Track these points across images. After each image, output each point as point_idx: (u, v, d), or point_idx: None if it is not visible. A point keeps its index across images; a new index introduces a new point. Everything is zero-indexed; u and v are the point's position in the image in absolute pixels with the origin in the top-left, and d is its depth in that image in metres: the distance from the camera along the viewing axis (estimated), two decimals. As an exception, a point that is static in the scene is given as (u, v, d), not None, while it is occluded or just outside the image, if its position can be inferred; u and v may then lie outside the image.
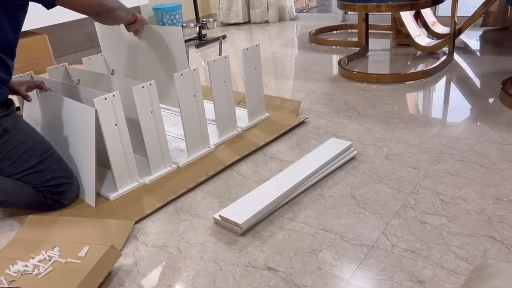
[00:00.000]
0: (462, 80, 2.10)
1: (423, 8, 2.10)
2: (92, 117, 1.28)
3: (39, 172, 1.31)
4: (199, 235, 1.19)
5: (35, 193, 1.31)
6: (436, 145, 1.52)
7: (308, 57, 2.77)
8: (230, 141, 1.68)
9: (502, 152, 1.43)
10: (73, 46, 3.17)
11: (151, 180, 1.45)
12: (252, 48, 1.70)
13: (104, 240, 1.17)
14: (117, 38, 1.82)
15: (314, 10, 4.75)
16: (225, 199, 1.34)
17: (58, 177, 1.33)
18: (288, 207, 1.27)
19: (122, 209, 1.32)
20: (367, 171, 1.41)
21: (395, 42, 2.78)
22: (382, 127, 1.70)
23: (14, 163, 1.29)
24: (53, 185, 1.32)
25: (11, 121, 1.29)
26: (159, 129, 1.45)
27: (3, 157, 1.28)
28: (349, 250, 1.07)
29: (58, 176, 1.33)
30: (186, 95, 1.50)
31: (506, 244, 1.03)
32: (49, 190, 1.32)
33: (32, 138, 1.32)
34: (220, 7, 4.00)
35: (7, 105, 1.30)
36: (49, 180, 1.32)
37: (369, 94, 2.04)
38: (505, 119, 1.65)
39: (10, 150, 1.27)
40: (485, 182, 1.28)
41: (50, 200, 1.33)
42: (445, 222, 1.13)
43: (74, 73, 1.72)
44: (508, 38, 2.68)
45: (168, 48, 1.64)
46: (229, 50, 3.12)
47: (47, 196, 1.33)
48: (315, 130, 1.73)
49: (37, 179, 1.31)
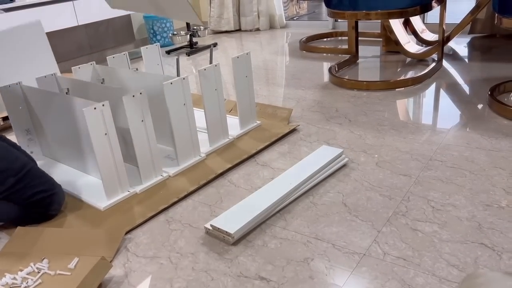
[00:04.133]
0: (451, 86, 2.12)
1: (412, 16, 2.13)
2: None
3: (20, 191, 1.28)
4: (190, 245, 1.18)
5: (21, 210, 1.30)
6: (427, 152, 1.53)
7: (299, 64, 2.78)
8: (221, 150, 1.68)
9: (491, 158, 1.44)
10: (63, 55, 3.16)
11: (142, 190, 1.44)
12: (242, 56, 1.71)
13: (94, 251, 1.15)
14: None
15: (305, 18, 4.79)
16: (216, 208, 1.33)
17: (39, 191, 1.30)
18: (280, 215, 1.27)
19: (112, 219, 1.31)
20: (359, 178, 1.41)
21: (385, 49, 2.81)
22: (373, 134, 1.70)
23: None
24: (37, 200, 1.30)
25: None
26: (149, 138, 1.44)
27: None
28: (341, 258, 1.07)
29: (40, 190, 1.30)
30: (176, 104, 1.49)
31: (497, 251, 1.04)
32: (34, 205, 1.30)
33: (5, 158, 1.28)
34: (211, 15, 4.01)
35: None
36: (31, 196, 1.29)
37: (359, 101, 2.05)
38: (494, 125, 1.67)
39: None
40: (475, 188, 1.29)
41: (36, 214, 1.32)
42: (436, 229, 1.13)
43: (64, 82, 1.71)
44: (496, 45, 2.72)
45: None
46: (221, 58, 3.13)
47: (33, 211, 1.31)
48: (306, 138, 1.73)
49: (18, 197, 1.28)
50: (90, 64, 1.86)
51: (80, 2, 2.86)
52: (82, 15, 2.89)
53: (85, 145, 1.48)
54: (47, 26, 2.72)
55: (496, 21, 1.73)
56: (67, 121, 1.49)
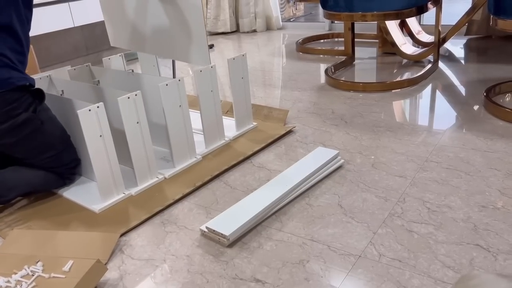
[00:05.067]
0: (447, 88, 2.13)
1: (408, 17, 2.13)
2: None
3: (62, 157, 1.44)
4: (186, 247, 1.17)
5: (54, 176, 1.45)
6: (422, 153, 1.53)
7: (295, 66, 2.78)
8: (217, 151, 1.67)
9: (487, 159, 1.44)
10: (59, 56, 3.15)
11: (137, 192, 1.43)
12: (238, 58, 1.70)
13: (89, 254, 1.15)
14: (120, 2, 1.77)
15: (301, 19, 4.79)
16: (212, 210, 1.33)
17: (74, 159, 1.49)
18: (275, 217, 1.26)
19: (107, 222, 1.30)
20: (354, 180, 1.41)
21: (381, 51, 2.81)
22: (369, 135, 1.70)
23: (42, 151, 1.40)
24: (72, 166, 1.48)
25: (45, 112, 1.41)
26: (145, 140, 1.44)
27: (35, 146, 1.38)
28: (336, 260, 1.07)
29: (74, 158, 1.49)
30: (171, 106, 1.49)
31: (492, 252, 1.04)
32: (68, 171, 1.48)
33: (59, 128, 1.45)
34: (208, 17, 4.01)
35: (40, 97, 1.40)
36: (69, 162, 1.47)
37: (356, 103, 2.05)
38: (489, 126, 1.67)
39: (42, 139, 1.38)
40: (470, 189, 1.29)
41: (68, 179, 1.49)
42: (432, 231, 1.13)
43: (59, 84, 1.71)
44: (492, 46, 2.73)
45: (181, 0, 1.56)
46: (217, 59, 3.12)
47: (65, 176, 1.48)
48: (302, 139, 1.73)
49: (58, 162, 1.44)
50: (86, 65, 1.85)
51: (76, 3, 2.86)
52: (78, 16, 2.89)
53: (80, 147, 1.48)
54: (43, 27, 2.71)
55: (491, 22, 1.73)
56: (62, 122, 1.48)
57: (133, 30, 1.76)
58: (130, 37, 1.79)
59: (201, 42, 1.55)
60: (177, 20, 1.59)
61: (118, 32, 1.83)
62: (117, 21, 1.81)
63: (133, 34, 1.78)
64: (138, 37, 1.76)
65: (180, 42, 1.61)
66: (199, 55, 1.57)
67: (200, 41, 1.55)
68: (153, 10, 1.65)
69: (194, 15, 1.54)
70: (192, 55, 1.60)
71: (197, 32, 1.55)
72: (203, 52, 1.57)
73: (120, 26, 1.81)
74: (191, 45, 1.58)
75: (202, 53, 1.57)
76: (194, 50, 1.59)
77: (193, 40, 1.57)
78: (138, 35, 1.76)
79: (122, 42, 1.83)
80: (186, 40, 1.59)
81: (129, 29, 1.78)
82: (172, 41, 1.63)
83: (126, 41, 1.82)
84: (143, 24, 1.71)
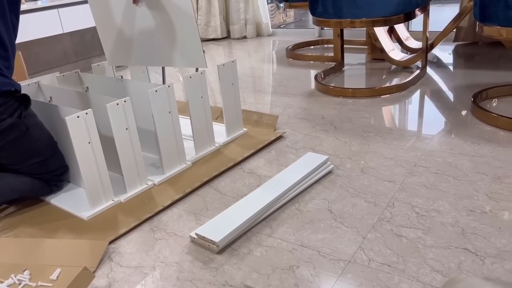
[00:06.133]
0: (435, 93, 2.15)
1: (396, 24, 2.16)
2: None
3: (49, 163, 1.43)
4: (175, 254, 1.17)
5: (40, 183, 1.43)
6: (411, 158, 1.54)
7: (286, 72, 2.79)
8: (207, 157, 1.67)
9: (474, 164, 1.46)
10: (48, 63, 3.13)
11: (127, 198, 1.43)
12: (228, 64, 1.71)
13: (77, 262, 1.14)
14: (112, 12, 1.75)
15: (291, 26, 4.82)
16: (202, 216, 1.32)
17: (61, 165, 1.48)
18: (265, 223, 1.26)
19: (96, 229, 1.29)
20: (344, 185, 1.41)
21: (370, 57, 2.84)
22: (358, 140, 1.71)
23: (28, 157, 1.39)
24: (59, 173, 1.47)
25: (31, 118, 1.40)
26: (134, 147, 1.43)
27: (20, 152, 1.37)
28: (326, 265, 1.07)
29: (62, 165, 1.48)
30: (161, 112, 1.49)
31: (480, 256, 1.04)
32: (55, 177, 1.46)
33: (46, 134, 1.44)
34: (198, 23, 4.02)
35: (26, 102, 1.39)
36: (56, 169, 1.46)
37: (345, 108, 2.06)
38: (477, 131, 1.69)
39: (28, 145, 1.37)
40: (458, 194, 1.30)
41: (55, 186, 1.48)
42: (421, 235, 1.14)
43: (47, 90, 1.69)
44: (478, 52, 2.77)
45: (172, 7, 1.56)
46: (208, 65, 3.13)
47: (52, 183, 1.46)
48: (292, 145, 1.74)
49: (44, 168, 1.43)
50: (75, 72, 1.84)
51: (65, 9, 2.85)
52: (67, 22, 2.88)
53: (69, 153, 1.47)
54: (32, 34, 2.70)
55: (477, 29, 1.76)
56: (50, 129, 1.47)
57: (130, 46, 1.76)
58: (128, 53, 1.79)
59: (196, 47, 1.56)
60: (171, 29, 1.59)
61: (115, 52, 1.83)
62: (113, 41, 1.81)
63: (130, 50, 1.78)
64: (134, 52, 1.76)
65: (176, 49, 1.62)
66: (195, 59, 1.59)
67: (195, 46, 1.56)
68: (146, 23, 1.65)
69: (187, 22, 1.55)
70: (189, 59, 1.61)
71: (191, 38, 1.56)
72: (199, 56, 1.57)
73: (116, 45, 1.81)
74: (187, 50, 1.59)
75: (198, 57, 1.58)
76: (190, 55, 1.59)
77: (188, 45, 1.58)
78: (135, 50, 1.76)
79: (121, 60, 1.83)
80: (181, 46, 1.60)
81: (126, 46, 1.78)
82: (167, 49, 1.64)
83: (124, 58, 1.82)
84: (139, 39, 1.71)
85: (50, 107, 1.44)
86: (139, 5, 1.63)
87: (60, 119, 1.40)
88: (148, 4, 1.60)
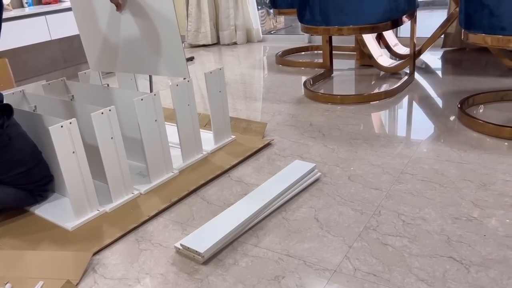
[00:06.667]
0: (422, 100, 2.16)
1: (383, 31, 2.17)
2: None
3: (33, 173, 1.41)
4: (160, 265, 1.15)
5: (24, 194, 1.41)
6: (398, 165, 1.54)
7: (275, 78, 2.79)
8: (195, 165, 1.66)
9: (460, 171, 1.46)
10: (36, 70, 3.10)
11: (112, 208, 1.41)
12: (216, 71, 1.70)
13: (60, 274, 1.12)
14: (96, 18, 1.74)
15: (282, 32, 4.83)
16: (188, 226, 1.31)
17: (46, 175, 1.46)
18: (252, 232, 1.25)
19: (80, 240, 1.27)
20: (331, 193, 1.41)
21: (359, 63, 2.85)
22: (346, 148, 1.71)
23: (12, 167, 1.37)
24: (43, 183, 1.45)
25: (14, 128, 1.38)
26: (119, 156, 1.42)
27: (3, 162, 1.35)
28: (312, 275, 1.06)
29: (46, 175, 1.46)
30: (147, 120, 1.48)
31: (465, 264, 1.04)
32: (39, 187, 1.44)
33: (30, 144, 1.42)
34: (189, 29, 4.01)
35: (8, 113, 1.37)
36: (41, 179, 1.44)
37: (333, 115, 2.06)
38: (463, 138, 1.70)
39: (11, 155, 1.36)
40: (444, 201, 1.30)
41: (39, 196, 1.45)
42: (406, 244, 1.14)
43: (32, 99, 1.68)
44: (466, 58, 2.79)
45: (155, 15, 1.55)
46: (198, 72, 3.12)
47: (36, 193, 1.44)
48: (280, 152, 1.73)
49: (28, 179, 1.41)
50: (61, 80, 1.83)
51: (53, 16, 2.83)
52: (55, 29, 2.86)
53: (53, 163, 1.45)
54: (20, 41, 2.67)
55: (463, 36, 1.77)
56: (35, 139, 1.45)
57: (114, 52, 1.76)
58: (112, 60, 1.78)
59: (179, 56, 1.55)
60: (154, 37, 1.59)
61: (98, 57, 1.82)
62: (96, 47, 1.80)
63: (114, 57, 1.77)
64: (117, 59, 1.75)
65: (159, 58, 1.61)
66: (178, 68, 1.58)
67: (178, 55, 1.55)
68: (130, 31, 1.65)
69: (170, 30, 1.54)
70: (172, 68, 1.60)
71: (174, 47, 1.55)
72: (181, 65, 1.57)
73: (99, 51, 1.80)
74: (170, 59, 1.59)
75: (180, 66, 1.57)
76: (173, 64, 1.59)
77: (171, 54, 1.57)
78: (117, 57, 1.75)
79: (105, 66, 1.82)
80: (164, 55, 1.59)
81: (108, 53, 1.77)
82: (150, 57, 1.63)
83: (108, 65, 1.81)
84: (122, 46, 1.71)
85: (34, 116, 1.42)
86: (123, 13, 1.62)
87: (44, 129, 1.39)
88: (132, 12, 1.60)
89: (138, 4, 1.56)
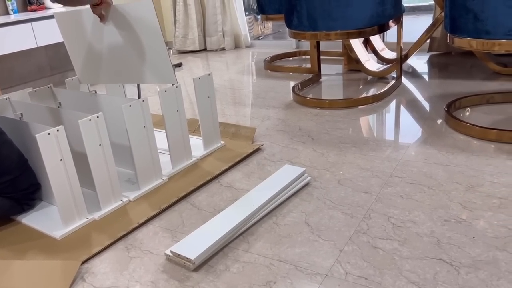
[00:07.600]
0: (410, 103, 2.18)
1: (370, 36, 2.19)
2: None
3: (19, 182, 1.39)
4: (150, 273, 1.14)
5: (10, 203, 1.38)
6: (387, 168, 1.55)
7: (263, 84, 2.80)
8: (184, 171, 1.65)
9: (448, 173, 1.48)
10: (22, 77, 3.07)
11: (101, 216, 1.39)
12: (204, 77, 1.70)
13: (48, 284, 1.10)
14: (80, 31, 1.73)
15: (270, 37, 4.86)
16: (178, 233, 1.30)
17: (32, 184, 1.43)
18: (243, 238, 1.25)
19: (69, 249, 1.25)
20: (321, 197, 1.41)
21: (346, 68, 2.87)
22: (335, 152, 1.72)
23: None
24: (30, 192, 1.42)
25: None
26: (108, 163, 1.40)
27: None
28: (303, 280, 1.06)
29: (33, 183, 1.43)
30: (135, 127, 1.46)
31: (455, 266, 1.05)
32: (26, 196, 1.41)
33: (16, 152, 1.39)
34: (176, 35, 4.01)
35: None
36: (27, 187, 1.41)
37: (322, 120, 2.07)
38: (451, 140, 1.72)
39: None
40: (433, 204, 1.31)
41: (26, 205, 1.43)
42: (397, 246, 1.14)
43: (18, 106, 1.66)
44: (452, 62, 2.83)
45: (138, 24, 1.55)
46: (186, 78, 3.12)
47: (23, 202, 1.42)
48: (270, 157, 1.73)
49: (15, 187, 1.38)
50: (47, 87, 1.81)
51: (39, 23, 2.80)
52: (41, 36, 2.83)
53: (40, 171, 1.43)
54: (6, 48, 2.64)
55: (449, 40, 1.80)
56: (21, 146, 1.43)
57: (100, 64, 1.74)
58: (98, 71, 1.77)
59: (165, 63, 1.55)
60: (139, 47, 1.58)
61: (86, 70, 1.81)
62: (83, 60, 1.79)
63: (100, 68, 1.76)
64: (105, 70, 1.74)
65: (145, 66, 1.60)
66: (165, 75, 1.57)
67: (164, 62, 1.55)
68: (114, 41, 1.64)
69: (155, 39, 1.54)
70: (159, 76, 1.59)
71: (160, 54, 1.55)
72: (168, 72, 1.56)
73: (86, 63, 1.79)
74: (156, 67, 1.58)
75: (167, 73, 1.56)
76: (160, 71, 1.58)
77: (157, 62, 1.57)
78: (104, 68, 1.74)
79: (92, 78, 1.80)
80: (150, 63, 1.59)
81: (95, 65, 1.76)
82: (137, 66, 1.62)
83: (95, 76, 1.79)
84: (108, 57, 1.70)
85: (21, 124, 1.40)
86: (107, 24, 1.61)
87: (31, 136, 1.37)
88: (115, 22, 1.59)
89: (121, 14, 1.56)
